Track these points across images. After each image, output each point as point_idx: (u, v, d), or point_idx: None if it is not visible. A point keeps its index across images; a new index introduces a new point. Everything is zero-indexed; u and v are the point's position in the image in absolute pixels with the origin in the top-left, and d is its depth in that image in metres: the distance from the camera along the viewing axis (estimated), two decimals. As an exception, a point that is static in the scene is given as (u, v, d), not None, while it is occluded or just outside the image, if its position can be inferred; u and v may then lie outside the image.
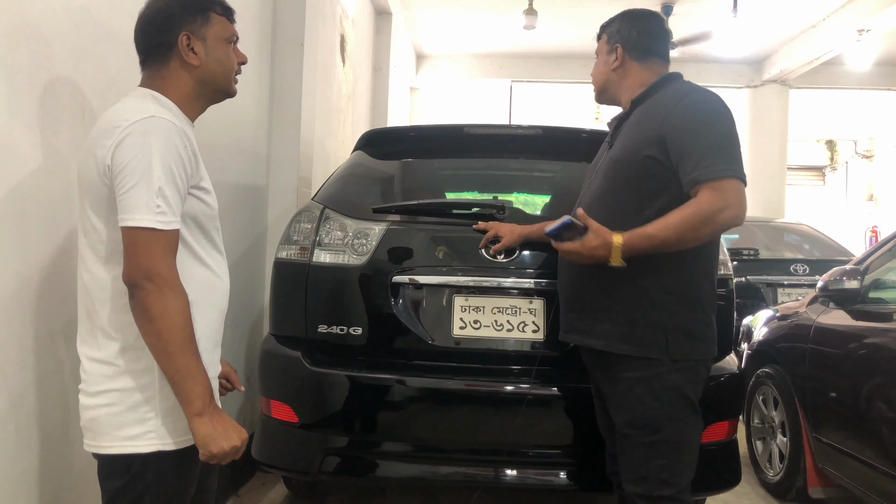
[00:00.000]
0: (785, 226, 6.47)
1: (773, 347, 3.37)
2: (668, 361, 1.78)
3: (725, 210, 1.69)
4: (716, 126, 1.77)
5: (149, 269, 1.26)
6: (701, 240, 1.76)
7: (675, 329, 1.79)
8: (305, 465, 2.27)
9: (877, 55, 8.01)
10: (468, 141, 2.71)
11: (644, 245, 1.73)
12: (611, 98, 2.06)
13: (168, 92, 1.42)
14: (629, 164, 1.85)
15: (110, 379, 1.34)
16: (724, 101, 1.84)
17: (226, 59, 1.49)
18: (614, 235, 1.72)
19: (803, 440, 3.01)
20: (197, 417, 1.29)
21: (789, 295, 5.08)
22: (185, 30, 1.42)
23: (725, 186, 1.70)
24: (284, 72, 3.46)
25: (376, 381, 2.24)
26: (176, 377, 1.28)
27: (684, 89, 1.88)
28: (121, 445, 1.33)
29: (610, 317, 1.86)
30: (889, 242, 2.85)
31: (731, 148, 1.75)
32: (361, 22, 5.92)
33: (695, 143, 1.74)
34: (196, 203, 1.41)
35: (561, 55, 9.32)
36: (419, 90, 10.31)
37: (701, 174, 1.71)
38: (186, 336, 1.28)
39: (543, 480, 2.25)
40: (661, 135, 1.78)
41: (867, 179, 14.74)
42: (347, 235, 2.31)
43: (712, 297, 1.87)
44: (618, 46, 1.98)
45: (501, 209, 2.35)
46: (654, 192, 1.80)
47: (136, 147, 1.28)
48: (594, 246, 1.74)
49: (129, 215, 1.27)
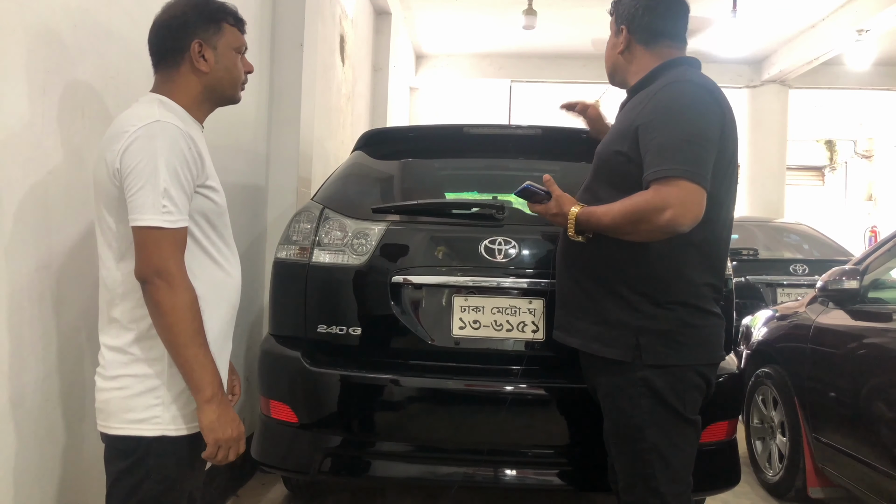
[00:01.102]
0: (784, 226, 6.48)
1: (772, 347, 3.37)
2: (643, 366, 1.70)
3: (663, 211, 1.56)
4: (680, 122, 1.62)
5: (158, 266, 1.35)
6: (639, 236, 1.65)
7: (649, 332, 1.70)
8: (305, 465, 2.27)
9: (876, 55, 8.02)
10: (468, 141, 2.71)
11: (591, 225, 1.70)
12: (620, 82, 1.93)
13: (177, 96, 1.51)
14: (604, 160, 1.81)
15: (124, 365, 1.44)
16: (707, 95, 1.68)
17: (233, 68, 1.57)
18: (572, 208, 1.72)
19: (803, 440, 3.02)
20: (206, 404, 1.39)
21: (789, 295, 5.08)
22: (199, 37, 1.50)
23: (669, 186, 1.57)
24: (284, 72, 3.46)
25: (375, 381, 2.23)
26: (185, 366, 1.38)
27: (669, 79, 1.73)
28: (128, 427, 1.42)
29: (587, 315, 1.81)
30: (888, 242, 2.86)
31: (689, 146, 1.59)
32: (361, 22, 5.92)
33: (654, 140, 1.63)
34: (204, 201, 1.49)
35: (560, 55, 9.31)
36: (419, 90, 10.31)
37: (650, 173, 1.61)
38: (195, 328, 1.38)
39: (543, 480, 2.25)
40: (634, 129, 1.69)
41: (866, 179, 14.76)
42: (347, 235, 2.31)
43: (704, 299, 1.75)
44: (623, 28, 1.85)
45: (501, 209, 2.34)
46: (628, 188, 1.68)
47: (143, 151, 1.36)
48: (553, 213, 1.77)
49: (138, 215, 1.35)
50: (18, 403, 1.62)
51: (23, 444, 1.63)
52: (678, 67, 1.79)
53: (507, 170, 2.97)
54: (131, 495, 1.42)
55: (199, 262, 1.48)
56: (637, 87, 1.83)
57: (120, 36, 1.99)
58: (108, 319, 1.48)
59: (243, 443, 1.48)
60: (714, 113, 1.67)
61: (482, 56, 9.66)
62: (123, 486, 1.43)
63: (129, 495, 1.43)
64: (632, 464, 1.75)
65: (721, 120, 1.67)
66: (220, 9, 1.55)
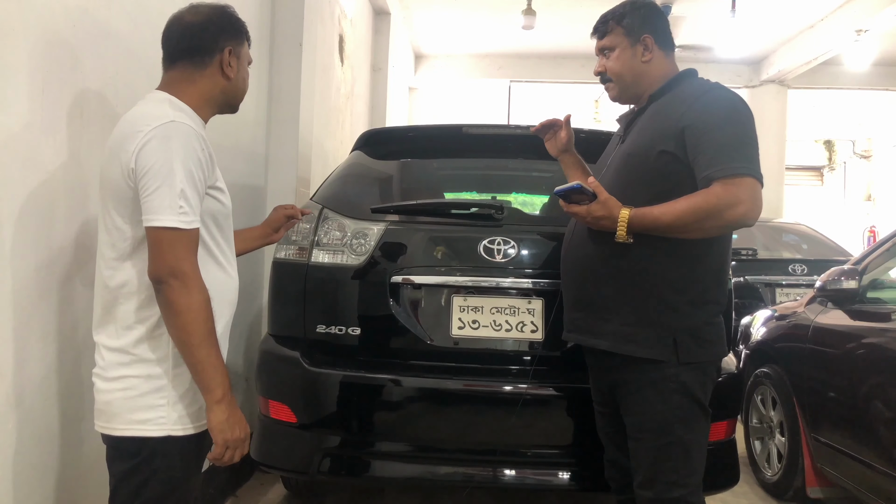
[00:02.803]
0: (783, 226, 6.48)
1: (771, 347, 3.37)
2: (677, 363, 1.75)
3: (735, 206, 1.67)
4: (734, 124, 1.74)
5: (174, 267, 1.36)
6: (706, 233, 1.73)
7: (684, 330, 1.76)
8: (304, 465, 2.27)
9: (875, 55, 8.02)
10: (467, 141, 2.71)
11: (648, 226, 1.73)
12: (635, 94, 1.96)
13: (188, 96, 1.52)
14: (643, 160, 1.82)
15: (126, 366, 1.44)
16: (744, 101, 1.81)
17: (246, 80, 1.66)
18: (622, 210, 1.73)
19: (801, 440, 3.02)
20: (217, 405, 1.40)
21: (787, 295, 5.09)
22: (230, 44, 1.57)
23: (738, 183, 1.67)
24: (283, 72, 3.46)
25: (375, 381, 2.23)
26: (198, 367, 1.39)
27: (706, 85, 1.85)
28: (133, 428, 1.43)
29: (616, 316, 1.81)
30: (887, 242, 2.86)
31: (748, 147, 1.72)
32: (360, 22, 5.92)
33: (712, 140, 1.71)
34: (213, 203, 1.51)
35: (559, 55, 9.32)
36: (418, 90, 10.31)
37: (715, 171, 1.69)
38: (208, 329, 1.39)
39: (542, 480, 2.25)
40: (680, 129, 1.75)
41: (865, 179, 14.77)
42: (346, 235, 2.31)
43: (721, 297, 1.84)
44: (647, 37, 1.90)
45: (500, 209, 2.34)
46: (668, 189, 1.76)
47: (159, 151, 1.37)
48: (599, 216, 1.76)
49: (154, 216, 1.36)
50: (19, 402, 1.61)
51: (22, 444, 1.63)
52: (697, 77, 1.92)
53: (507, 170, 2.97)
54: (136, 496, 1.43)
55: (203, 263, 1.48)
56: (657, 94, 1.89)
57: (119, 36, 1.98)
58: (106, 319, 1.47)
59: (248, 443, 1.49)
60: (752, 119, 1.79)
61: (481, 56, 9.66)
62: (128, 486, 1.43)
63: (135, 496, 1.43)
64: (656, 457, 1.78)
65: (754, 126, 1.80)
66: (244, 24, 1.64)
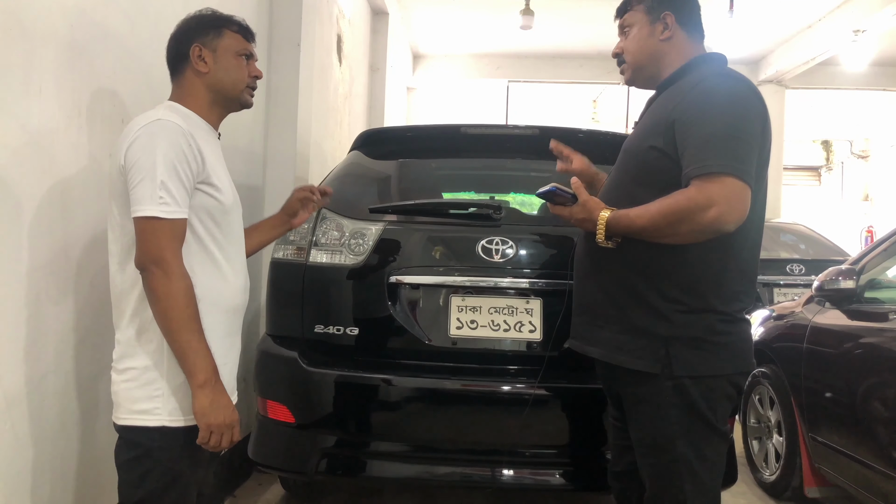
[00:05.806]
0: (781, 226, 6.49)
1: (769, 347, 3.37)
2: (672, 375, 1.61)
3: (707, 209, 1.48)
4: (725, 116, 1.55)
5: (155, 255, 1.42)
6: (683, 238, 1.56)
7: (678, 340, 1.61)
8: (302, 465, 2.27)
9: (873, 56, 8.03)
10: (465, 141, 2.71)
11: (623, 228, 1.61)
12: (650, 76, 1.79)
13: (187, 101, 1.60)
14: (635, 155, 1.72)
15: (130, 358, 1.51)
16: (749, 92, 1.61)
17: (232, 70, 1.64)
18: (602, 211, 1.63)
19: (799, 440, 3.02)
20: (199, 389, 1.43)
21: (785, 295, 5.10)
22: (197, 42, 1.60)
23: (714, 183, 1.49)
24: (281, 71, 3.46)
25: (373, 381, 2.23)
26: (179, 352, 1.44)
27: (706, 73, 1.66)
28: (133, 418, 1.49)
29: (610, 324, 1.70)
30: (885, 242, 2.86)
31: (735, 141, 1.52)
32: (358, 22, 5.91)
33: (698, 134, 1.54)
34: (205, 198, 1.54)
35: (558, 55, 9.31)
36: (416, 90, 10.30)
37: (693, 169, 1.52)
38: (189, 314, 1.43)
39: (540, 480, 2.25)
40: (670, 123, 1.60)
41: (863, 179, 14.79)
42: (344, 235, 2.31)
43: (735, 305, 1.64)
44: (667, 15, 1.73)
45: (498, 209, 2.34)
46: (664, 185, 1.59)
47: (143, 147, 1.44)
48: (580, 218, 1.69)
49: (137, 206, 1.43)
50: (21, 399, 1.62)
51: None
52: (710, 63, 1.73)
53: (505, 170, 2.97)
54: (139, 486, 1.47)
55: (200, 262, 1.53)
56: (668, 82, 1.74)
57: (117, 36, 1.98)
58: (116, 313, 1.55)
59: (237, 431, 1.50)
60: (757, 109, 1.60)
61: (479, 56, 9.65)
62: (132, 476, 1.49)
63: (138, 486, 1.48)
64: (659, 475, 1.67)
65: (763, 117, 1.61)
66: (223, 17, 1.66)
